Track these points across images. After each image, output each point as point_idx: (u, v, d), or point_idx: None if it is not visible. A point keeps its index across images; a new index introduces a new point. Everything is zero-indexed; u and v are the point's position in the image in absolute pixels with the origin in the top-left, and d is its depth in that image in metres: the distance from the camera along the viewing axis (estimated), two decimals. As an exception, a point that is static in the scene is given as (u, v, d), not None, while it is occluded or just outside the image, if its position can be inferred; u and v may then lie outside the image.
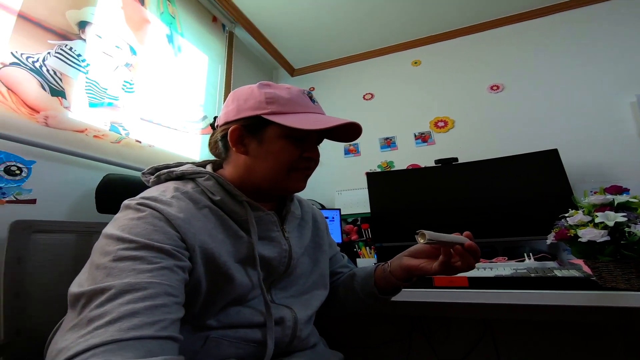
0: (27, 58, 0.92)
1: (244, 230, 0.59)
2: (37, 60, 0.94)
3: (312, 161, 0.64)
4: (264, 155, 0.60)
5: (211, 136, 0.69)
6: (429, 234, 0.52)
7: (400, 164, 1.87)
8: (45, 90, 0.95)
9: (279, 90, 0.61)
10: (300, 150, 0.61)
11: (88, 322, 0.38)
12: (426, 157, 1.78)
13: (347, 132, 0.66)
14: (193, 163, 0.67)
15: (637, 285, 0.75)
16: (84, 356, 0.35)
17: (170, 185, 0.58)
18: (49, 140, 0.94)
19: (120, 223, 0.48)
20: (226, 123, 0.62)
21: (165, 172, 0.62)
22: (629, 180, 1.36)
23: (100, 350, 0.35)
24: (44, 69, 0.95)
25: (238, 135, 0.61)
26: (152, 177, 0.63)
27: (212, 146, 0.69)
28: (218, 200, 0.58)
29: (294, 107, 0.60)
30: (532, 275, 0.91)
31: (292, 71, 2.38)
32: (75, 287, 0.43)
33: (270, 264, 0.60)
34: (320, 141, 0.68)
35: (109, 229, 0.48)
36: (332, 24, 1.93)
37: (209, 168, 0.65)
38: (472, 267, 0.58)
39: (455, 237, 0.57)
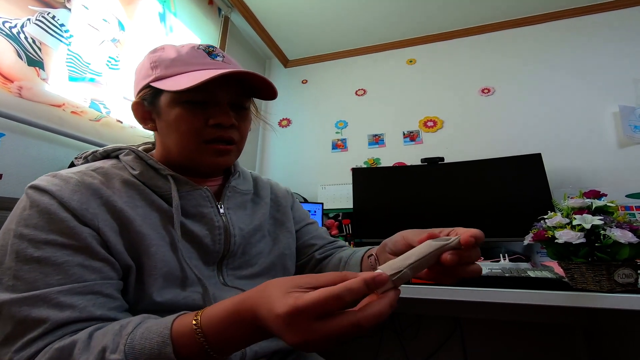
0: (3, 23, 0.87)
1: (170, 205, 0.54)
2: (15, 26, 0.90)
3: (222, 129, 0.55)
4: (166, 128, 0.55)
5: None
6: (390, 272, 0.34)
7: (387, 162, 1.87)
8: (22, 59, 0.91)
9: (165, 52, 0.56)
10: (204, 116, 0.54)
11: (22, 333, 0.38)
12: (413, 156, 1.79)
13: (258, 87, 0.58)
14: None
15: (606, 287, 0.76)
16: None
17: (87, 164, 0.55)
18: (21, 112, 0.89)
19: (16, 214, 0.44)
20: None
21: (90, 153, 0.58)
22: (606, 187, 1.39)
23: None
24: (21, 36, 0.91)
25: (139, 111, 0.58)
26: (81, 160, 0.59)
27: None
28: (137, 174, 0.53)
29: (182, 67, 0.54)
30: (507, 275, 0.92)
31: (286, 62, 2.35)
32: None
33: (202, 242, 0.55)
34: (241, 104, 0.58)
35: (7, 222, 0.45)
36: (330, 17, 1.91)
37: (141, 148, 0.61)
38: (476, 270, 0.41)
39: (428, 246, 0.38)
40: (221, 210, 0.59)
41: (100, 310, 0.42)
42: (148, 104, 0.57)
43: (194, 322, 0.37)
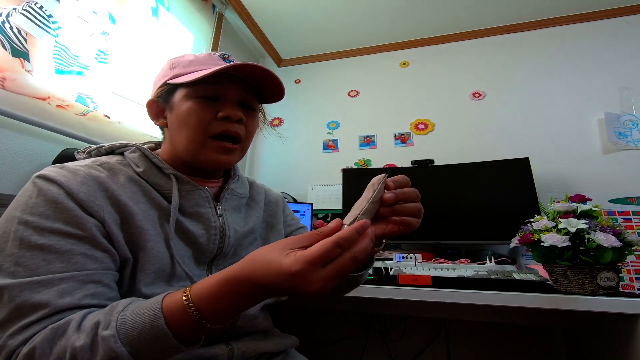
0: (-13, 12, 0.85)
1: (170, 203, 0.56)
2: (0, 15, 0.88)
3: (229, 122, 0.57)
4: (177, 122, 0.58)
5: None
6: (351, 219, 0.44)
7: (377, 163, 1.88)
8: (6, 50, 0.88)
9: (184, 57, 0.61)
10: (214, 110, 0.57)
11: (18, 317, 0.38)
12: (403, 158, 1.80)
13: (266, 89, 0.62)
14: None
15: (589, 290, 0.77)
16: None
17: (92, 158, 0.56)
18: (4, 104, 0.87)
19: (21, 201, 0.45)
20: None
21: (95, 148, 0.60)
22: (591, 192, 1.42)
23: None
24: (6, 25, 0.88)
25: (153, 108, 0.62)
26: (84, 154, 0.61)
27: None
28: (141, 172, 0.56)
29: (198, 67, 0.58)
30: (492, 277, 0.93)
31: (280, 61, 2.35)
32: None
33: (197, 240, 0.56)
34: (250, 104, 0.62)
35: (10, 209, 0.45)
36: (326, 17, 1.91)
37: (146, 146, 0.63)
38: (414, 208, 0.47)
39: (367, 189, 0.47)
40: (218, 211, 0.61)
41: (97, 300, 0.43)
42: (162, 101, 0.61)
43: (183, 297, 0.39)
